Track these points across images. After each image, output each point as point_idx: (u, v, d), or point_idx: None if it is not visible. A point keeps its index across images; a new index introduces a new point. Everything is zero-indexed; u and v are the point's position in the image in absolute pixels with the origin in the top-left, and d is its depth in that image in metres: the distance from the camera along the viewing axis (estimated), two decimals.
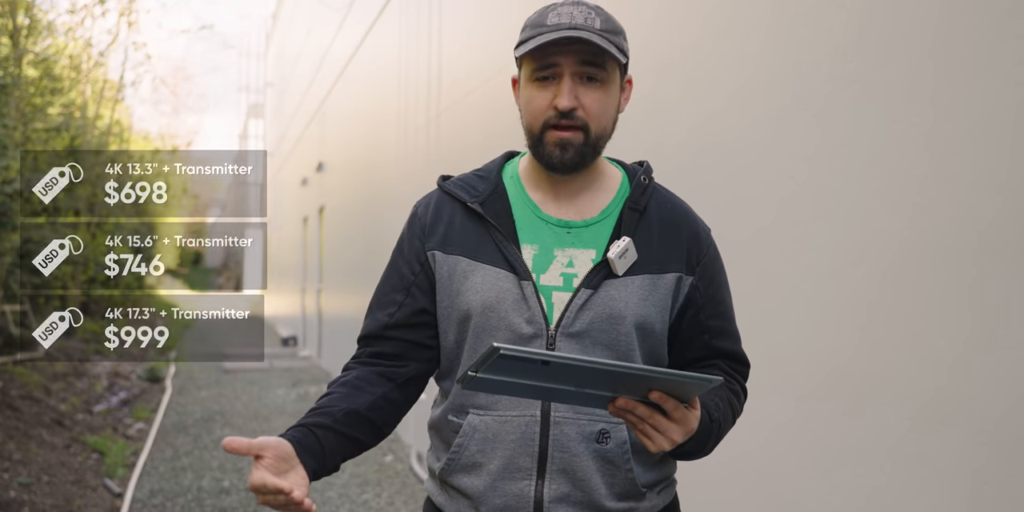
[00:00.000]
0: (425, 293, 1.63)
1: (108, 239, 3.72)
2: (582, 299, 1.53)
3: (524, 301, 1.54)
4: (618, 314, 1.54)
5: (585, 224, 1.60)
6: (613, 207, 1.62)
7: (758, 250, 2.79)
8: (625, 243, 1.55)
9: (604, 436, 1.53)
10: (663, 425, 1.34)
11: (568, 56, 1.51)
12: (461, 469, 1.58)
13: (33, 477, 5.52)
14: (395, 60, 8.03)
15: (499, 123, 5.00)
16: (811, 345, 2.57)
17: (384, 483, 5.99)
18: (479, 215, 1.60)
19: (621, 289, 1.54)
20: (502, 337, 1.54)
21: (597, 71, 1.53)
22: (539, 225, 1.60)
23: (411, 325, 1.63)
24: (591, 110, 1.53)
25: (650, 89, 3.36)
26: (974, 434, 2.02)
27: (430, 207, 1.67)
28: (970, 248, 2.04)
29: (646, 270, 1.56)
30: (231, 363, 12.65)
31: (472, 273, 1.57)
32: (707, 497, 2.97)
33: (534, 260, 1.57)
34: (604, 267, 1.54)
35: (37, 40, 9.04)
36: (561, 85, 1.52)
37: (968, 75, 2.06)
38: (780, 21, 2.73)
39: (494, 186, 1.64)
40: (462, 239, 1.60)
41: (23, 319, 9.43)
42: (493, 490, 1.54)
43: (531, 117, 1.56)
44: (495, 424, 1.55)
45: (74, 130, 10.64)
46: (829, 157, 2.50)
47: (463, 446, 1.57)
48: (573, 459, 1.52)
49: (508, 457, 1.54)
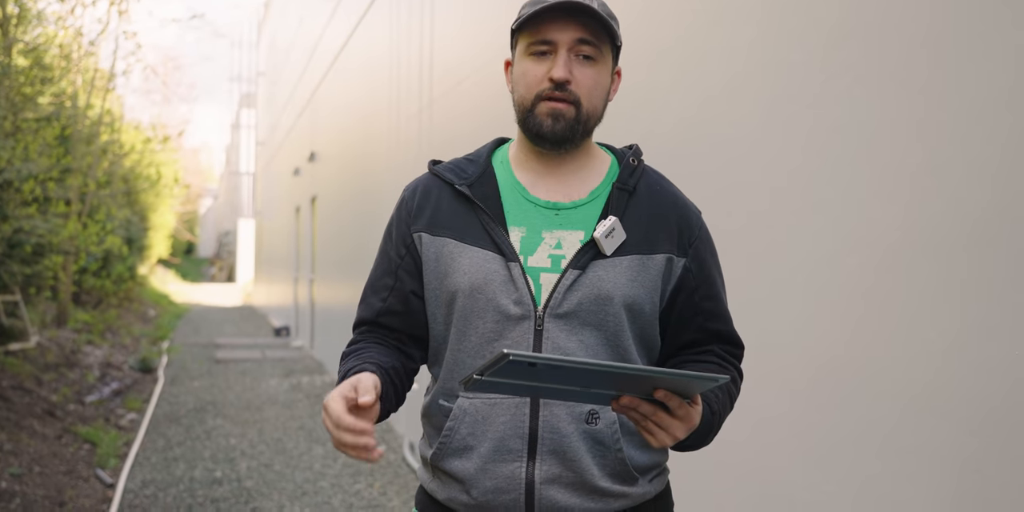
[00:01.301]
0: (412, 276, 1.64)
1: (99, 229, 3.71)
2: (570, 280, 1.53)
3: (512, 282, 1.54)
4: (606, 294, 1.53)
5: (573, 206, 1.60)
6: (602, 189, 1.62)
7: (749, 240, 2.79)
8: (611, 222, 1.55)
9: (593, 416, 1.53)
10: (666, 421, 1.35)
11: (566, 32, 1.52)
12: (452, 453, 1.57)
13: (25, 468, 5.51)
14: (387, 49, 8.01)
15: (491, 112, 4.99)
16: (803, 335, 2.57)
17: (376, 473, 5.99)
18: (467, 198, 1.60)
19: (609, 269, 1.54)
20: (490, 318, 1.54)
21: (592, 50, 1.54)
22: (527, 207, 1.60)
23: (403, 312, 1.64)
24: (584, 85, 1.54)
25: (642, 78, 3.35)
26: (965, 424, 2.02)
27: (418, 190, 1.68)
28: (962, 239, 2.04)
29: (635, 250, 1.56)
30: (223, 353, 12.64)
31: (459, 255, 1.57)
32: (700, 487, 2.98)
33: (522, 242, 1.57)
34: (592, 248, 1.54)
35: (27, 29, 8.97)
36: (556, 58, 1.53)
37: (961, 65, 2.06)
38: (772, 10, 2.72)
39: (483, 169, 1.65)
40: (449, 221, 1.60)
41: (14, 309, 9.39)
42: (484, 473, 1.54)
43: (524, 89, 1.57)
44: (485, 407, 1.55)
45: (65, 120, 10.59)
46: (821, 147, 2.50)
47: (454, 429, 1.57)
48: (563, 440, 1.53)
49: (499, 439, 1.54)
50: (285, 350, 13.48)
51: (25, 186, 7.83)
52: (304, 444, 6.86)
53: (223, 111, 70.61)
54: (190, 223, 48.24)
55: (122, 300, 18.19)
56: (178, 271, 39.23)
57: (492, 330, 1.55)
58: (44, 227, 8.48)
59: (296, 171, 15.13)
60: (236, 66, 40.40)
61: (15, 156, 7.55)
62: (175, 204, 29.16)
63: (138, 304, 20.17)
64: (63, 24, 9.91)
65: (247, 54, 31.28)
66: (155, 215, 22.65)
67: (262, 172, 24.01)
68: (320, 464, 6.23)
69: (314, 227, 13.21)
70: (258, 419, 7.87)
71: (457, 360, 1.58)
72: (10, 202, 7.73)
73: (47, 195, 9.24)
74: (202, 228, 55.71)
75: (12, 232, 7.86)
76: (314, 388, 9.58)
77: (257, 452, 6.59)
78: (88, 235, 11.16)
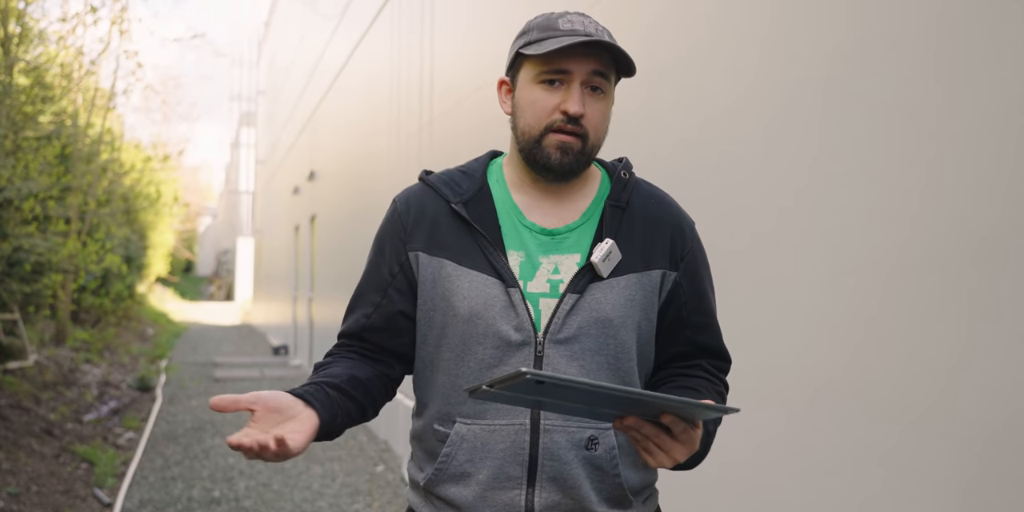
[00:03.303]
0: (403, 295, 1.61)
1: (99, 248, 3.69)
2: (569, 304, 1.52)
3: (512, 308, 1.52)
4: (605, 317, 1.53)
5: (568, 229, 1.59)
6: (594, 207, 1.62)
7: (752, 261, 2.79)
8: (608, 245, 1.54)
9: (593, 442, 1.52)
10: (668, 444, 1.34)
11: (582, 63, 1.51)
12: (449, 479, 1.55)
13: (22, 487, 5.48)
14: (387, 68, 8.04)
15: (491, 131, 5.01)
16: (804, 355, 2.57)
17: (375, 493, 5.97)
18: (463, 217, 1.58)
19: (607, 292, 1.54)
20: (490, 344, 1.53)
21: (604, 82, 1.53)
22: (523, 232, 1.59)
23: (387, 329, 1.62)
24: (593, 121, 1.53)
25: (644, 98, 3.36)
26: (967, 446, 2.02)
27: (411, 204, 1.65)
28: (966, 260, 2.04)
29: (631, 269, 1.56)
30: (221, 372, 12.61)
31: (458, 278, 1.55)
32: (698, 506, 2.96)
33: (520, 267, 1.55)
34: (589, 271, 1.54)
35: (28, 48, 9.01)
36: (571, 90, 1.51)
37: (964, 84, 2.07)
38: (774, 30, 2.73)
39: (479, 185, 1.63)
40: (447, 241, 1.58)
41: (13, 328, 9.38)
42: (483, 500, 1.52)
43: (533, 118, 1.54)
44: (484, 433, 1.53)
45: (65, 138, 10.61)
46: (824, 167, 2.50)
47: (451, 455, 1.54)
48: (563, 467, 1.51)
49: (498, 466, 1.52)
50: (284, 369, 13.45)
51: (25, 204, 7.84)
52: (302, 464, 6.83)
53: (223, 130, 70.83)
54: (189, 241, 48.25)
55: (121, 318, 18.16)
56: (177, 289, 39.17)
57: (492, 356, 1.53)
58: (44, 246, 8.48)
59: (296, 190, 15.15)
60: (236, 85, 40.54)
61: (15, 174, 7.56)
62: (174, 222, 29.18)
63: (137, 322, 20.13)
64: (64, 43, 9.96)
65: (247, 73, 31.42)
66: (154, 233, 22.65)
67: (262, 191, 24.04)
68: (318, 484, 6.20)
69: (313, 246, 13.21)
70: None
71: (455, 386, 1.56)
72: (10, 220, 7.73)
73: (47, 213, 9.25)
74: (201, 246, 55.71)
75: (12, 250, 7.85)
76: None
77: (255, 472, 6.56)
78: (87, 253, 11.16)
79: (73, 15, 10.23)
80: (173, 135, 30.73)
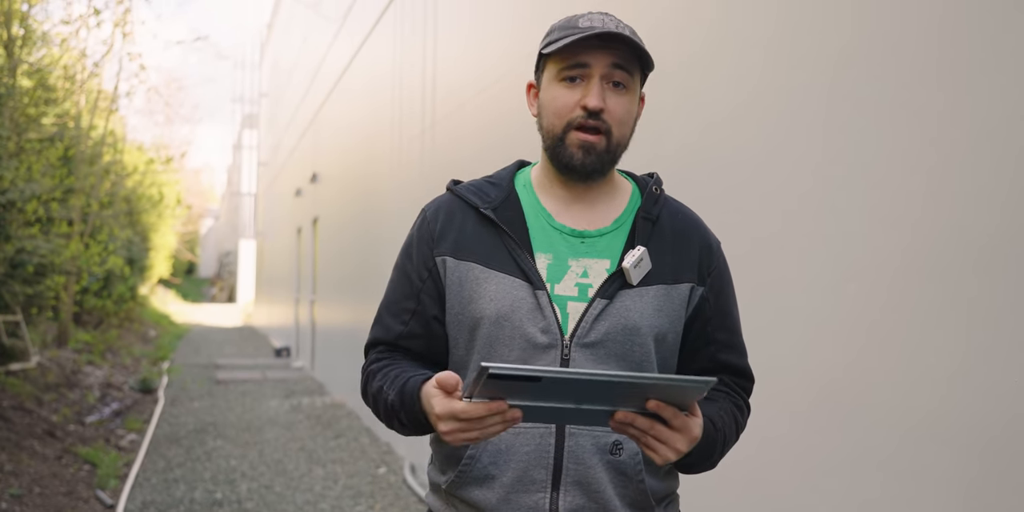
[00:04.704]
0: (434, 300, 1.61)
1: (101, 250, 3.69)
2: (597, 309, 1.52)
3: (539, 310, 1.52)
4: (633, 325, 1.53)
5: (599, 234, 1.59)
6: (625, 217, 1.62)
7: (754, 265, 2.80)
8: (640, 252, 1.54)
9: (617, 447, 1.52)
10: (664, 434, 1.33)
11: (600, 57, 1.51)
12: (472, 482, 1.55)
13: (25, 488, 5.49)
14: (390, 71, 8.05)
15: (493, 134, 5.01)
16: (806, 358, 2.57)
17: (377, 495, 5.97)
18: (492, 222, 1.58)
19: (636, 299, 1.54)
20: (517, 347, 1.52)
21: (625, 77, 1.53)
22: (553, 234, 1.58)
23: (423, 335, 1.62)
24: (616, 115, 1.53)
25: (645, 102, 3.36)
26: (965, 450, 2.02)
27: (440, 211, 1.65)
28: (968, 265, 2.05)
29: (660, 280, 1.56)
30: (223, 374, 12.61)
31: (486, 281, 1.55)
32: (699, 506, 2.96)
33: (548, 269, 1.55)
34: (619, 277, 1.54)
35: (32, 50, 9.03)
36: (590, 85, 1.51)
37: (966, 91, 2.07)
38: (777, 34, 2.74)
39: (507, 193, 1.63)
40: (475, 245, 1.58)
41: (15, 330, 9.39)
42: (507, 503, 1.52)
43: (555, 116, 1.54)
44: (508, 436, 1.52)
45: (68, 140, 10.63)
46: (825, 172, 2.51)
47: (475, 458, 1.54)
48: (588, 471, 1.51)
49: (522, 469, 1.52)
50: (286, 371, 13.45)
51: (28, 206, 7.85)
52: (305, 465, 6.83)
53: (225, 132, 70.89)
54: (191, 243, 48.25)
55: (123, 320, 18.17)
56: (179, 291, 39.19)
57: (518, 358, 1.52)
58: (46, 247, 8.49)
59: (298, 192, 15.16)
60: (239, 87, 40.59)
61: (18, 176, 7.58)
62: (176, 224, 29.20)
63: (139, 324, 20.15)
64: (67, 46, 9.98)
65: (250, 75, 31.41)
66: (156, 235, 22.68)
67: (264, 193, 24.05)
68: (321, 486, 6.20)
69: (316, 248, 13.22)
70: (258, 440, 7.84)
71: None
72: (13, 222, 7.74)
73: (50, 215, 9.26)
74: (203, 248, 55.71)
75: (15, 252, 7.87)
76: (314, 409, 9.55)
77: (257, 473, 6.56)
78: (90, 255, 11.18)
79: (76, 17, 10.27)
80: (176, 137, 30.76)
